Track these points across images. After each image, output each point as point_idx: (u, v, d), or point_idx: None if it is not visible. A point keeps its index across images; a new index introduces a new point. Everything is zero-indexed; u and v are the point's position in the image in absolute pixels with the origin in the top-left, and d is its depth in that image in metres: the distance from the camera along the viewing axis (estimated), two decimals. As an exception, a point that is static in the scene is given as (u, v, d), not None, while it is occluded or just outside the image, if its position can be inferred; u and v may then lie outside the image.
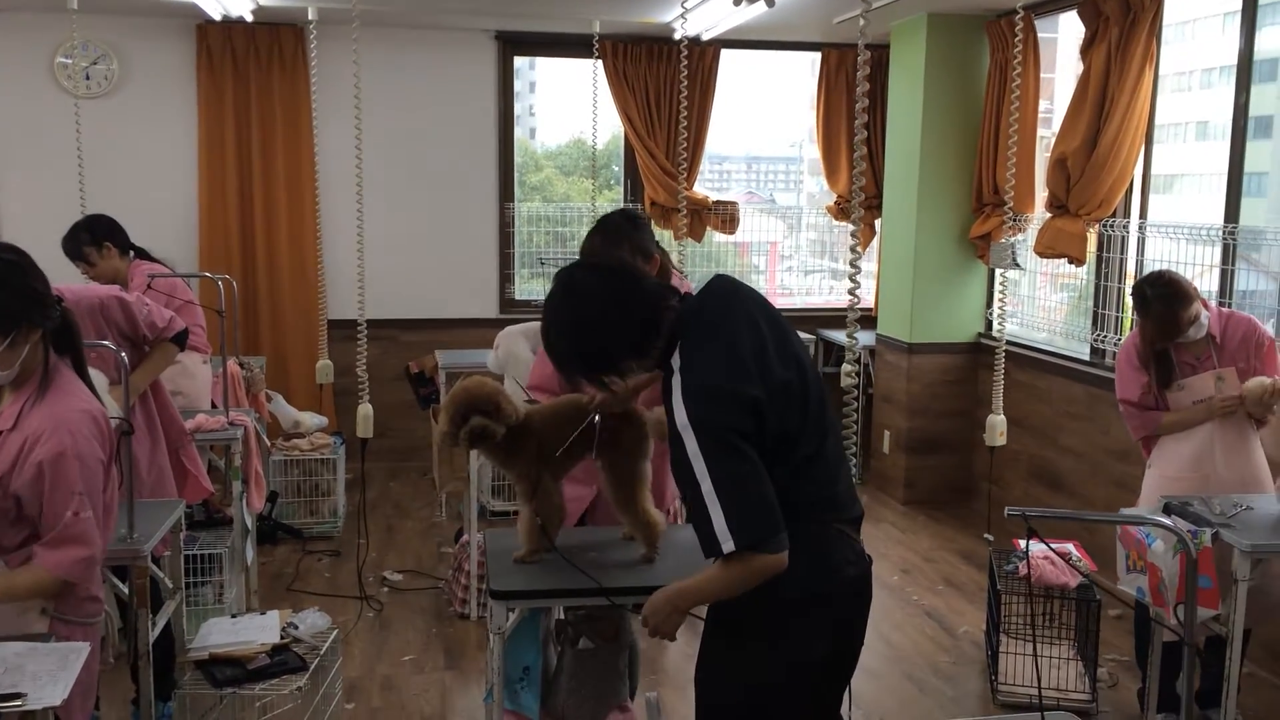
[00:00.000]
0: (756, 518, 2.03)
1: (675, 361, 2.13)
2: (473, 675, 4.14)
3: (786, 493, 2.08)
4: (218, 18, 6.00)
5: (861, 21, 3.11)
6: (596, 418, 2.58)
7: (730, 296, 2.22)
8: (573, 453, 2.66)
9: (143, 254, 4.53)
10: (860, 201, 3.04)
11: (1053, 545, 3.95)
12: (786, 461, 2.12)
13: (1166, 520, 2.63)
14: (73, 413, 2.33)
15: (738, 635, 2.21)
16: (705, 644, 2.29)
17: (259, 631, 3.33)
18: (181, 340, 3.62)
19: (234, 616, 3.56)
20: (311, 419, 5.93)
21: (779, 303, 7.71)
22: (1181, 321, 3.49)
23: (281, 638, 3.32)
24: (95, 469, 2.34)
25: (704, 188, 7.35)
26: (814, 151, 7.75)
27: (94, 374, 3.06)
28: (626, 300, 2.17)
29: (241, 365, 5.24)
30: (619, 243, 2.88)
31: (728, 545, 2.02)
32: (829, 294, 7.85)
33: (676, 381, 2.10)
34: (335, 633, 3.50)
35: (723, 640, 2.24)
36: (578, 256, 2.96)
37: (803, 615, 2.17)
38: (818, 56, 7.20)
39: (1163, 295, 3.51)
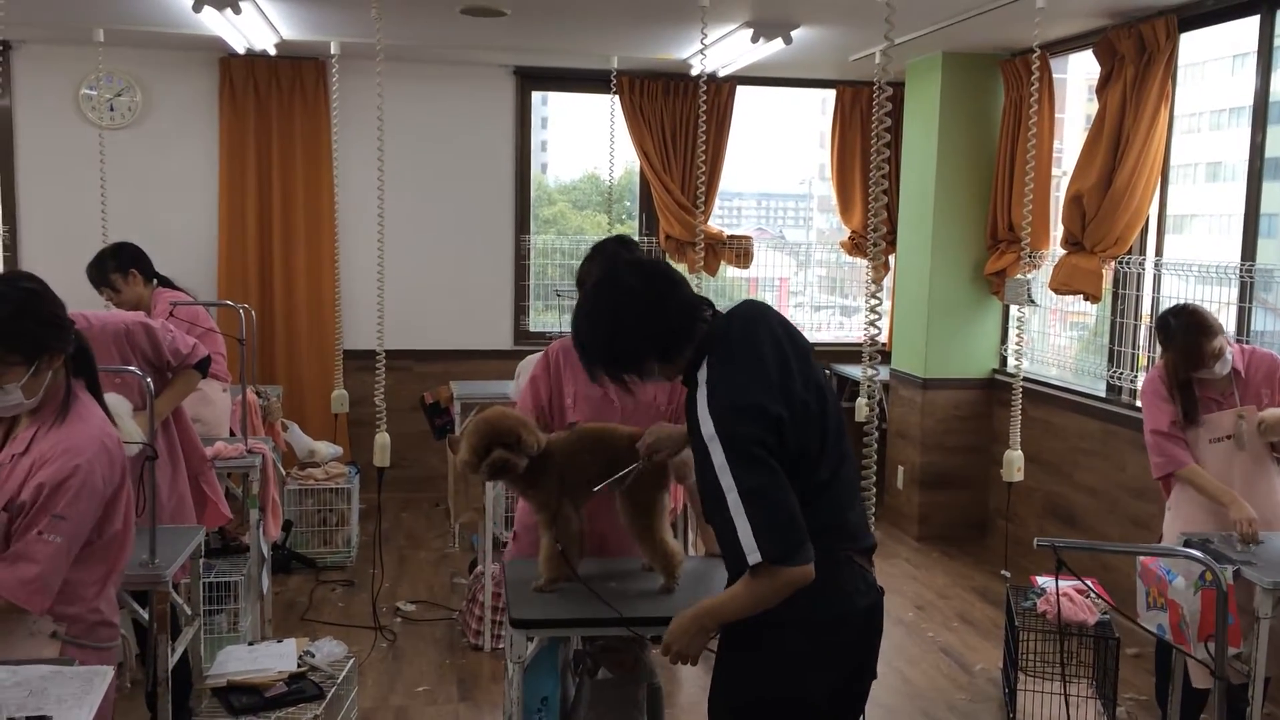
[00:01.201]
0: (783, 530, 2.04)
1: (701, 375, 2.15)
2: (486, 707, 4.13)
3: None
4: (241, 51, 6.09)
5: (879, 58, 3.15)
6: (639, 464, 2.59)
7: (758, 319, 2.24)
8: (596, 484, 2.66)
9: (166, 282, 4.57)
10: (881, 236, 3.07)
11: (1073, 581, 3.93)
12: (803, 484, 2.13)
13: (1197, 553, 2.63)
14: (84, 439, 2.32)
15: (751, 653, 2.21)
16: (718, 663, 2.29)
17: (276, 659, 3.33)
18: (204, 368, 3.64)
19: (251, 644, 3.56)
20: (326, 449, 5.94)
21: (792, 338, 7.72)
22: (1205, 351, 3.49)
23: (298, 666, 3.32)
24: (91, 498, 2.30)
25: (715, 223, 7.39)
26: (824, 188, 7.80)
27: (117, 399, 3.10)
28: (663, 303, 2.20)
29: (258, 394, 5.26)
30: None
31: (754, 557, 2.02)
32: (839, 329, 7.87)
33: (702, 394, 2.12)
34: (351, 661, 3.50)
35: (734, 659, 2.24)
36: (574, 284, 3.00)
37: (811, 640, 2.17)
38: (828, 94, 7.27)
39: (1186, 325, 3.53)
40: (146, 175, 6.60)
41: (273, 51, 6.07)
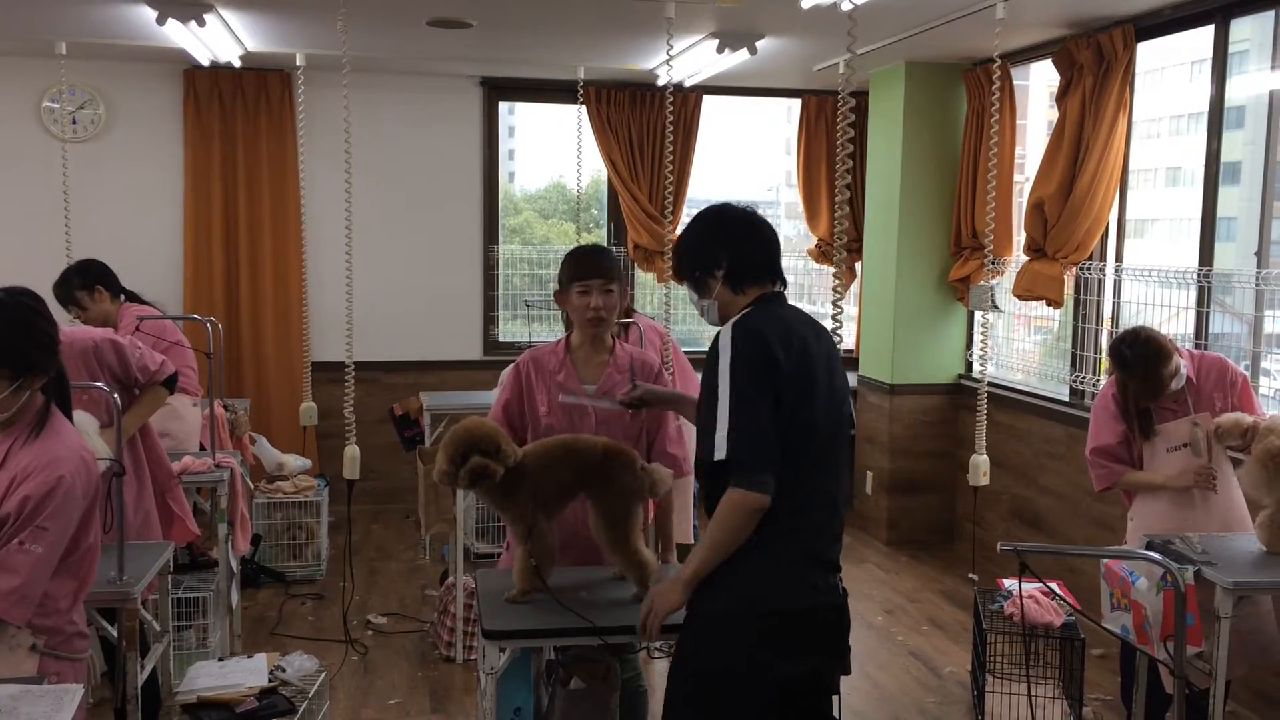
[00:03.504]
0: (754, 443, 2.23)
1: (743, 312, 2.39)
2: (459, 718, 4.12)
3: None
4: (206, 63, 6.06)
5: (842, 68, 3.20)
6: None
7: (812, 324, 2.46)
8: (569, 493, 2.67)
9: (133, 297, 4.54)
10: (845, 245, 3.11)
11: (1039, 583, 3.98)
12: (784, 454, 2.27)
13: (1155, 554, 2.67)
14: (65, 452, 2.33)
15: (711, 627, 2.35)
16: (684, 630, 2.42)
17: (247, 674, 3.32)
18: (171, 384, 3.62)
19: (221, 660, 3.54)
20: (295, 461, 5.91)
21: (761, 345, 7.78)
22: (1164, 379, 3.50)
23: (269, 681, 3.31)
24: (72, 510, 2.32)
25: (685, 231, 7.42)
26: (791, 195, 7.85)
27: (85, 416, 3.08)
28: (754, 234, 2.47)
29: (226, 408, 5.23)
30: (600, 273, 2.91)
31: (720, 453, 2.24)
32: (808, 336, 7.90)
33: (737, 319, 2.36)
34: (323, 675, 3.48)
35: (700, 626, 2.38)
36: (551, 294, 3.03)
37: (767, 627, 2.29)
38: (794, 102, 7.33)
39: (1143, 355, 3.50)
40: (110, 189, 6.54)
41: (237, 63, 6.04)
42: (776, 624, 2.29)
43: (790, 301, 2.51)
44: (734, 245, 2.45)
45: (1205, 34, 4.63)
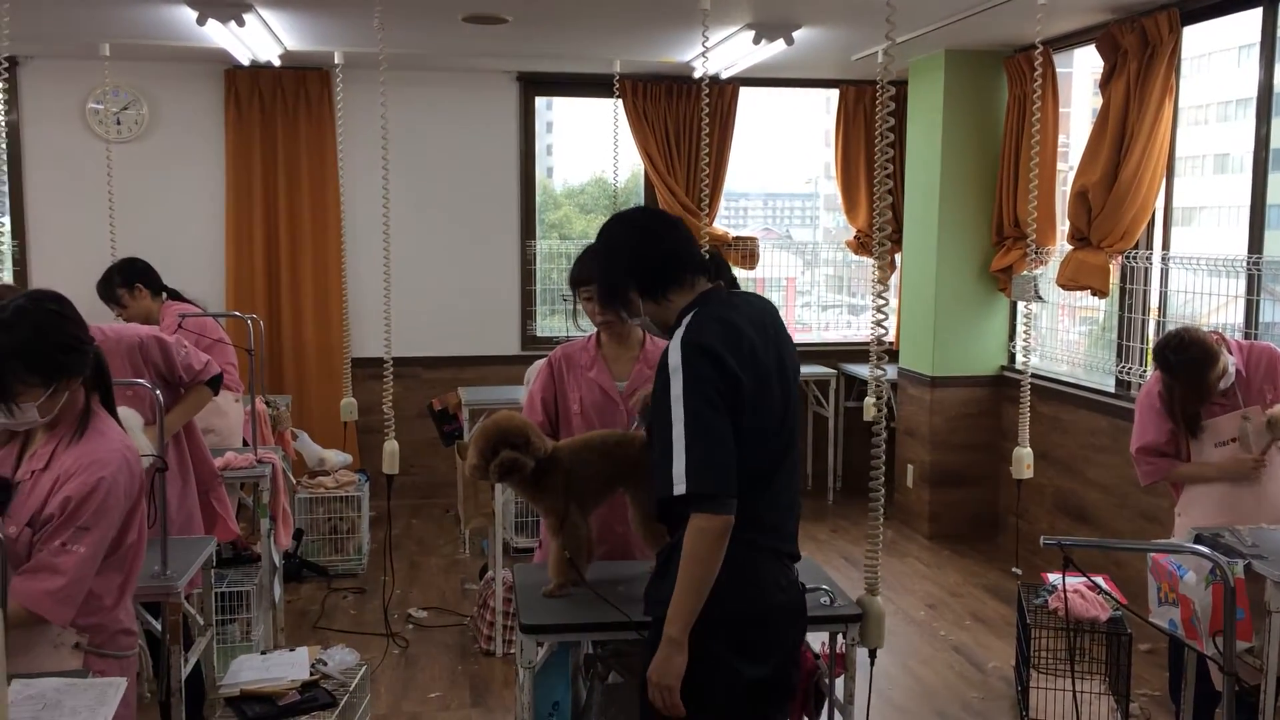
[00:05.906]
0: (715, 471, 2.11)
1: (686, 318, 2.26)
2: (499, 712, 4.14)
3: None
4: (246, 63, 6.12)
5: (881, 57, 3.15)
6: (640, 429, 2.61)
7: (761, 309, 2.38)
8: (607, 488, 2.67)
9: (175, 295, 4.60)
10: (886, 235, 3.07)
11: (1083, 577, 3.92)
12: (745, 463, 2.18)
13: (1204, 548, 2.62)
14: (107, 452, 2.35)
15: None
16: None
17: (289, 668, 3.35)
18: (216, 384, 3.65)
19: (263, 653, 3.57)
20: (336, 457, 5.96)
21: (797, 337, 7.75)
22: (1211, 384, 3.43)
23: (311, 674, 3.34)
24: (115, 509, 2.33)
25: (721, 224, 7.40)
26: (829, 187, 7.79)
27: (129, 413, 3.11)
28: (655, 238, 2.35)
29: (267, 404, 5.28)
30: (594, 279, 2.92)
31: (680, 487, 2.11)
32: (847, 328, 7.87)
33: (681, 331, 2.23)
34: (364, 669, 3.51)
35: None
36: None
37: (732, 635, 2.21)
38: (832, 93, 7.27)
39: (1188, 361, 3.43)
40: (154, 188, 6.63)
41: (277, 62, 6.10)
42: (738, 628, 2.21)
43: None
44: (633, 259, 2.34)
45: (1253, 17, 4.53)
